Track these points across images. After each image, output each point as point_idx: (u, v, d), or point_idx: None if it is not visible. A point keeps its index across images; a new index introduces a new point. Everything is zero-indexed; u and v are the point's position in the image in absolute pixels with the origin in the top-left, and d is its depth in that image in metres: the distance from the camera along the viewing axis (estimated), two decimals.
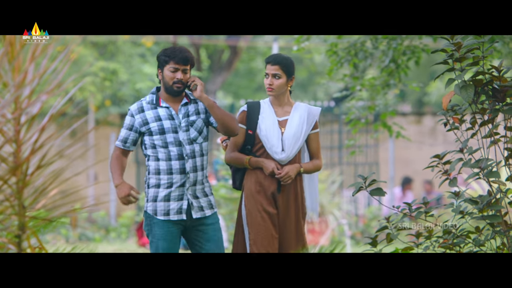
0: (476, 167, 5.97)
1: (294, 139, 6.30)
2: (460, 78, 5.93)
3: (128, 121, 6.17)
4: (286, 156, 6.28)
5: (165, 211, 6.08)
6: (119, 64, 18.36)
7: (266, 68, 6.32)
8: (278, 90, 6.32)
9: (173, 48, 6.11)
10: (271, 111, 6.35)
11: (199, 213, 6.13)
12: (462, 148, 6.10)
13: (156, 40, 20.95)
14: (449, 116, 6.12)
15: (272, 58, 6.33)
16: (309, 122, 6.38)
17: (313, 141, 6.45)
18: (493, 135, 6.00)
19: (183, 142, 6.09)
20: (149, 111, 6.14)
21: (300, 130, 6.32)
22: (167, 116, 6.11)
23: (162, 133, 6.08)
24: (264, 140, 6.31)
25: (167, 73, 6.08)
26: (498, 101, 5.96)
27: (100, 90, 18.38)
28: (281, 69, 6.27)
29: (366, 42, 9.24)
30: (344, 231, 13.55)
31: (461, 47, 5.93)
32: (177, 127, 6.11)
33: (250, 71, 28.45)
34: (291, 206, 6.31)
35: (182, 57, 6.03)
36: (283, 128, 6.33)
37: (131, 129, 6.15)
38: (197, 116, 6.16)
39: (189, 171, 6.10)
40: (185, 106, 6.15)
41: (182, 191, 6.11)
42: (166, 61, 6.07)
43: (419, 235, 6.20)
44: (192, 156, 6.11)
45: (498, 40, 8.52)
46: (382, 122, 9.84)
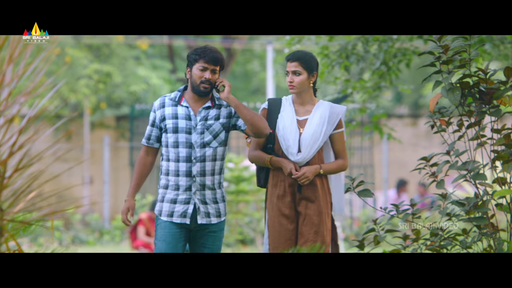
0: (463, 169, 5.99)
1: (313, 140, 6.02)
2: (447, 81, 5.94)
3: (151, 117, 6.05)
4: (303, 158, 6.01)
5: (169, 212, 5.96)
6: (113, 66, 18.35)
7: (287, 66, 6.07)
8: (299, 87, 6.03)
9: (204, 47, 5.95)
10: (291, 110, 6.09)
11: (204, 220, 5.98)
12: (449, 150, 6.12)
13: (151, 42, 20.96)
14: (436, 119, 6.15)
15: (291, 55, 6.06)
16: (331, 121, 6.07)
17: (337, 141, 6.14)
18: (480, 137, 6.02)
19: (194, 144, 5.93)
20: (169, 107, 5.99)
21: (319, 131, 6.03)
22: (184, 116, 5.96)
23: (175, 131, 5.94)
24: (281, 140, 6.05)
25: (195, 71, 5.89)
26: (484, 103, 5.98)
27: (94, 92, 18.37)
28: (300, 65, 6.01)
29: (357, 45, 9.25)
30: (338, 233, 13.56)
31: (448, 50, 5.94)
32: (191, 128, 5.94)
33: (246, 74, 28.46)
34: (314, 206, 6.02)
35: (213, 57, 5.86)
36: (302, 128, 6.06)
37: (153, 125, 6.03)
38: (215, 121, 5.95)
39: (196, 175, 5.93)
40: (207, 109, 5.96)
41: (189, 195, 5.96)
42: (196, 60, 5.89)
43: (406, 238, 6.22)
44: (201, 160, 5.93)
45: (485, 43, 8.55)
46: (373, 124, 9.86)
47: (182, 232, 5.97)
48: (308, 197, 6.02)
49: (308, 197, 6.02)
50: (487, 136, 6.06)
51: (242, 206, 13.38)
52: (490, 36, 8.91)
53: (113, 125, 20.85)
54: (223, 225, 6.09)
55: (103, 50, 18.96)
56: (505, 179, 5.99)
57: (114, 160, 19.83)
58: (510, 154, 5.91)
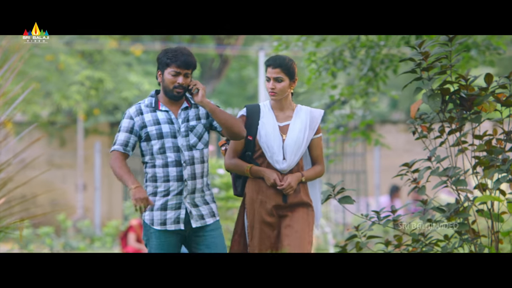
0: (444, 175, 6.00)
1: (296, 146, 5.91)
2: (427, 87, 5.95)
3: (127, 124, 5.77)
4: (288, 165, 5.89)
5: (161, 220, 5.76)
6: (105, 72, 18.35)
7: (267, 72, 5.93)
8: (281, 94, 5.92)
9: (175, 50, 5.72)
10: (271, 116, 5.97)
11: (199, 222, 5.80)
12: (430, 157, 6.13)
13: (145, 48, 20.98)
14: (417, 125, 6.16)
15: (272, 61, 5.92)
16: (311, 126, 5.99)
17: (316, 147, 6.03)
18: (461, 143, 6.03)
19: (181, 148, 5.76)
20: (147, 114, 5.79)
21: (302, 136, 5.93)
22: (166, 120, 5.77)
23: (160, 137, 5.74)
24: (264, 147, 5.91)
25: (167, 76, 5.73)
26: (465, 109, 5.99)
27: (86, 98, 18.38)
28: (282, 71, 5.88)
29: (344, 51, 9.27)
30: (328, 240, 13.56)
31: (428, 56, 5.96)
32: (176, 132, 5.77)
33: (241, 80, 28.48)
34: (297, 215, 5.91)
35: (184, 61, 5.68)
36: (284, 135, 5.94)
37: (131, 132, 5.77)
38: (197, 122, 5.82)
39: (187, 179, 5.75)
40: (185, 110, 5.82)
41: (180, 200, 5.76)
42: (167, 64, 5.70)
43: (389, 244, 6.22)
44: (191, 163, 5.77)
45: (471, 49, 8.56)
46: (361, 131, 9.87)
47: (178, 239, 5.80)
48: (291, 202, 5.90)
49: (292, 205, 5.91)
50: (469, 142, 6.07)
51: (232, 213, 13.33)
52: (475, 42, 8.93)
53: (107, 131, 20.84)
54: (219, 224, 5.90)
55: (95, 57, 18.96)
56: (486, 185, 6.00)
57: (107, 166, 19.82)
58: (491, 160, 5.92)
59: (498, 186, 5.89)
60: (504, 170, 5.84)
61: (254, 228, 5.89)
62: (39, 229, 14.64)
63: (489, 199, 5.85)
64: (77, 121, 20.31)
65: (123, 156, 5.75)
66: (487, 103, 5.93)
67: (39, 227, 15.11)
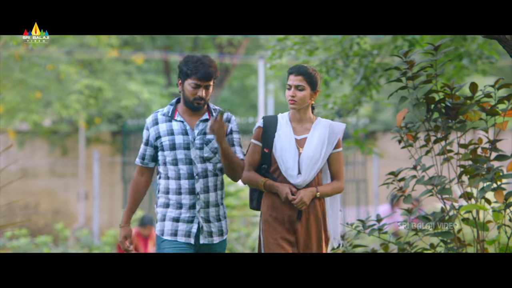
0: (429, 184, 6.01)
1: (313, 161, 5.66)
2: (412, 96, 5.97)
3: (145, 135, 5.68)
4: (303, 180, 5.64)
5: (172, 231, 5.61)
6: (105, 81, 18.39)
7: (289, 79, 5.69)
8: (301, 103, 5.67)
9: (196, 61, 5.53)
10: (288, 128, 5.72)
11: (206, 240, 5.65)
12: (415, 165, 6.14)
13: (146, 57, 21.03)
14: (403, 134, 6.17)
15: (295, 69, 5.69)
16: (330, 141, 5.72)
17: (335, 161, 5.77)
18: (446, 152, 6.04)
19: (194, 160, 5.58)
20: (163, 123, 5.63)
21: (319, 151, 5.68)
22: (180, 131, 5.60)
23: (172, 148, 5.58)
24: (279, 161, 5.68)
25: (188, 87, 5.55)
26: (450, 118, 6.00)
27: (85, 107, 18.42)
28: (305, 80, 5.65)
29: (337, 60, 9.28)
30: None
31: (413, 65, 5.98)
32: (189, 143, 5.58)
33: (244, 89, 28.51)
34: (312, 232, 5.69)
35: (205, 73, 5.48)
36: (301, 148, 5.69)
37: (147, 144, 5.67)
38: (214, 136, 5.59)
39: (200, 192, 5.59)
40: (204, 122, 5.61)
41: (193, 214, 5.61)
42: (188, 75, 5.52)
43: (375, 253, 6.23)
44: (203, 176, 5.60)
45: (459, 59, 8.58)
46: (354, 139, 9.88)
47: (189, 249, 5.63)
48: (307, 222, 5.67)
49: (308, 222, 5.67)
50: (454, 151, 6.08)
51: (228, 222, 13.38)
52: (468, 51, 8.95)
53: (108, 140, 20.88)
54: (225, 244, 5.78)
55: (94, 65, 19.01)
56: (471, 194, 6.00)
57: (109, 175, 19.86)
58: (476, 169, 5.92)
59: (483, 195, 5.90)
60: (489, 179, 5.84)
61: (271, 246, 5.65)
62: (37, 238, 14.66)
63: (475, 207, 5.86)
64: (78, 130, 20.35)
65: (143, 170, 5.71)
66: (472, 112, 5.95)
67: (37, 236, 15.13)
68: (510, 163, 5.89)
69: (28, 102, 17.75)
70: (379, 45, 9.48)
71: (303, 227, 5.67)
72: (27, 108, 17.98)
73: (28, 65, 17.63)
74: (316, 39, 9.20)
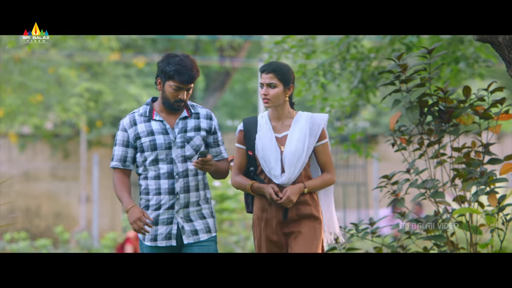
0: (422, 187, 6.01)
1: (296, 157, 5.49)
2: (405, 100, 5.97)
3: (121, 137, 5.48)
4: (287, 178, 5.47)
5: (152, 236, 5.45)
6: (104, 85, 18.41)
7: (261, 77, 5.54)
8: (274, 100, 5.49)
9: (178, 62, 5.36)
10: (268, 128, 5.57)
11: (191, 238, 5.47)
12: (409, 169, 6.14)
13: (147, 61, 21.04)
14: (396, 137, 6.17)
15: (266, 66, 5.53)
16: (313, 133, 5.53)
17: (321, 154, 5.57)
18: (439, 155, 6.04)
19: (175, 159, 5.43)
20: (141, 124, 5.46)
21: (302, 146, 5.50)
22: (161, 131, 5.45)
23: (154, 149, 5.42)
24: (262, 162, 5.53)
25: (168, 89, 5.40)
26: (444, 122, 6.00)
27: (85, 111, 18.45)
28: (276, 77, 5.48)
29: (334, 63, 9.28)
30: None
31: (406, 69, 5.98)
32: (171, 143, 5.44)
33: (246, 92, 28.56)
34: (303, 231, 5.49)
35: (189, 77, 5.34)
36: (282, 146, 5.52)
37: (127, 146, 5.47)
38: (195, 133, 5.52)
39: (179, 192, 5.42)
40: (184, 120, 5.51)
41: (172, 214, 5.44)
42: (170, 77, 5.36)
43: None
44: (184, 175, 5.44)
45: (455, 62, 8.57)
46: (352, 143, 9.88)
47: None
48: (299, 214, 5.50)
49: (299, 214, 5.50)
50: (448, 154, 6.08)
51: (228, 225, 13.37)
52: (464, 55, 8.94)
53: (110, 143, 20.90)
54: (214, 239, 5.60)
55: (94, 68, 19.04)
56: (464, 197, 6.00)
57: (110, 178, 19.84)
58: (469, 173, 5.92)
59: (476, 199, 5.89)
60: (482, 183, 5.84)
61: (261, 247, 5.56)
62: (36, 241, 14.68)
63: (468, 211, 5.85)
64: (79, 133, 20.37)
65: (123, 172, 5.49)
66: (465, 115, 5.94)
67: (37, 239, 15.15)
68: (503, 166, 5.89)
69: (28, 106, 17.77)
70: (376, 48, 9.49)
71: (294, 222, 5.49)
72: (27, 111, 17.99)
73: (28, 68, 17.65)
74: (313, 42, 9.21)
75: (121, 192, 5.45)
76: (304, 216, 5.49)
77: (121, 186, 5.45)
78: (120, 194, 5.45)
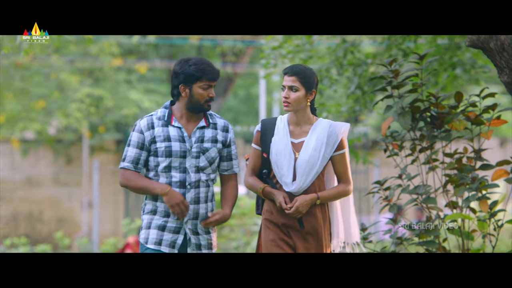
0: (414, 193, 6.01)
1: (309, 166, 5.31)
2: (397, 105, 5.98)
3: (137, 138, 5.37)
4: (298, 187, 5.32)
5: (157, 240, 5.36)
6: (105, 90, 18.45)
7: (283, 80, 5.36)
8: (295, 104, 5.33)
9: (201, 62, 5.34)
10: (285, 132, 5.40)
11: (195, 251, 5.39)
12: (401, 174, 6.14)
13: (150, 66, 21.07)
14: (388, 143, 6.17)
15: (289, 69, 5.36)
16: (330, 143, 5.34)
17: (339, 164, 5.40)
18: (431, 161, 6.04)
19: (188, 169, 5.33)
20: (159, 127, 5.37)
21: (317, 155, 5.32)
22: (178, 138, 5.36)
23: (168, 155, 5.33)
24: (274, 167, 5.38)
25: (198, 90, 5.31)
26: (436, 127, 6.01)
27: (86, 116, 18.49)
28: (298, 80, 5.30)
29: (332, 69, 9.28)
30: None
31: (398, 74, 5.99)
32: (186, 151, 5.35)
33: (249, 97, 28.56)
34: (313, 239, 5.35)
35: (216, 74, 5.35)
36: (297, 153, 5.35)
37: (142, 148, 5.37)
38: (212, 144, 5.41)
39: (190, 202, 5.31)
40: (202, 129, 5.40)
41: (180, 224, 5.35)
42: (199, 78, 5.30)
43: None
44: (196, 186, 5.33)
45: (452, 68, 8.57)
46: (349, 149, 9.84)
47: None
48: (307, 230, 5.35)
49: (307, 230, 5.35)
50: (440, 160, 6.09)
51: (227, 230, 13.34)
52: (461, 61, 8.94)
53: (113, 148, 20.92)
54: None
55: (96, 74, 19.09)
56: (456, 203, 6.00)
57: (112, 183, 19.88)
58: (461, 178, 5.93)
59: (468, 204, 5.90)
60: (474, 188, 5.85)
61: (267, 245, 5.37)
62: (37, 246, 14.69)
63: (460, 217, 5.85)
64: (82, 139, 20.40)
65: (134, 174, 5.36)
66: (457, 121, 5.95)
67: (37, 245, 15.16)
68: (495, 172, 5.89)
69: (29, 111, 17.81)
70: (373, 54, 9.49)
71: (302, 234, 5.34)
72: (28, 117, 18.03)
73: (29, 74, 17.69)
74: (311, 48, 9.21)
75: (143, 181, 5.35)
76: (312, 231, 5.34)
77: (139, 176, 5.34)
78: (144, 185, 5.33)
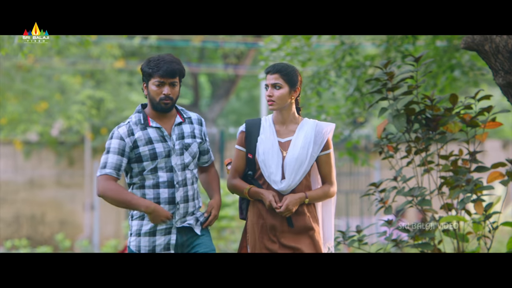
0: (409, 195, 6.01)
1: (297, 164, 5.29)
2: (392, 107, 5.98)
3: (117, 145, 5.19)
4: (287, 185, 5.28)
5: (150, 247, 5.22)
6: (106, 92, 18.48)
7: (266, 79, 5.34)
8: (280, 102, 5.29)
9: (157, 59, 5.18)
10: (271, 131, 5.38)
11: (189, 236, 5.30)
12: (396, 176, 6.14)
13: None
14: (383, 145, 6.17)
15: (271, 67, 5.33)
16: (317, 142, 5.33)
17: (324, 164, 5.38)
18: (426, 163, 6.04)
19: (175, 167, 5.23)
20: (138, 132, 5.22)
21: (305, 153, 5.30)
22: (159, 138, 5.24)
23: (154, 158, 5.21)
24: (262, 166, 5.33)
25: (152, 87, 5.18)
26: (431, 130, 6.01)
27: (87, 118, 18.51)
28: (281, 77, 5.27)
29: (330, 71, 9.29)
30: None
31: (393, 77, 5.99)
32: (170, 151, 5.24)
33: (252, 99, 28.58)
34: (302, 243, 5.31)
35: (168, 69, 5.13)
36: (284, 152, 5.33)
37: (123, 155, 5.19)
38: (192, 140, 5.33)
39: (180, 201, 5.23)
40: (179, 126, 5.32)
41: (170, 224, 5.23)
42: (150, 74, 5.16)
43: None
44: (183, 184, 5.25)
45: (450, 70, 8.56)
46: (348, 150, 9.87)
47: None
48: (296, 228, 5.32)
49: (297, 228, 5.32)
50: (435, 162, 6.09)
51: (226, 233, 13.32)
52: (459, 63, 8.94)
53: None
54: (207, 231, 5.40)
55: (97, 76, 19.10)
56: (451, 205, 6.00)
57: None
58: (456, 180, 5.92)
59: (463, 206, 5.90)
60: (469, 190, 5.85)
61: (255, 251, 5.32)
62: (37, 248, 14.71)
63: (455, 219, 5.85)
64: (84, 140, 20.43)
65: (115, 180, 5.19)
66: (452, 123, 5.95)
67: (37, 247, 15.19)
68: (490, 174, 5.89)
69: (30, 113, 17.83)
70: (372, 56, 9.49)
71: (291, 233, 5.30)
72: (30, 118, 18.05)
73: (31, 76, 17.71)
74: (309, 50, 9.22)
75: (126, 195, 5.14)
76: (302, 230, 5.31)
77: (121, 189, 5.16)
78: (127, 197, 5.13)
